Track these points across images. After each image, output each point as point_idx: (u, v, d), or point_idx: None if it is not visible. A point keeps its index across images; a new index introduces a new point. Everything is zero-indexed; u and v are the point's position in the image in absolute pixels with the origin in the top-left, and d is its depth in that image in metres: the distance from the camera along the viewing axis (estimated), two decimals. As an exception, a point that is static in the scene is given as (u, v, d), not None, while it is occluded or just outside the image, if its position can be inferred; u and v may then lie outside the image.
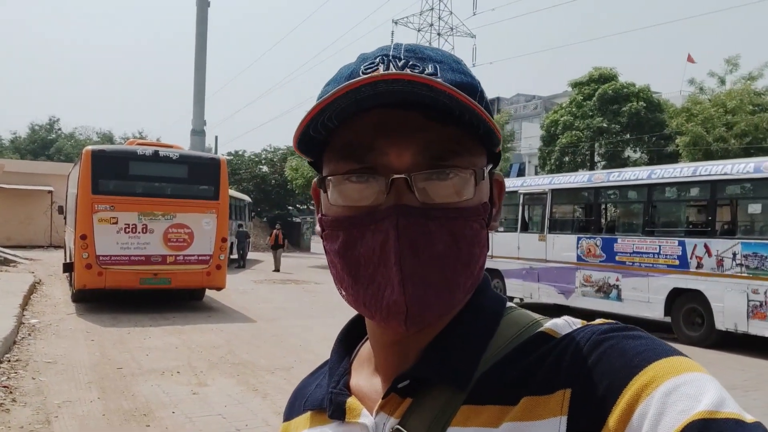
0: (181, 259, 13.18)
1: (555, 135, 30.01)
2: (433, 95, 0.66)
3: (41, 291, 15.48)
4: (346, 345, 0.90)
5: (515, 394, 0.68)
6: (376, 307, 0.71)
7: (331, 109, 0.68)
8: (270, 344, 10.16)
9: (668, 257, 11.67)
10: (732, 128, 22.98)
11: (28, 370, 7.89)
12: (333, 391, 0.81)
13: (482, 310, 0.79)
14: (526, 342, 0.73)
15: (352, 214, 0.73)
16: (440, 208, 0.71)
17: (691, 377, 0.59)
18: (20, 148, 66.20)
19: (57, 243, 29.14)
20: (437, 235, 0.70)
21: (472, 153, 0.73)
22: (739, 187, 11.32)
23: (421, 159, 0.71)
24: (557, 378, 0.66)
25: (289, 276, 23.14)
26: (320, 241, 0.81)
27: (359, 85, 0.65)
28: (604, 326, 0.69)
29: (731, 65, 25.09)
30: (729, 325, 10.66)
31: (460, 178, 0.72)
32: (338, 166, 0.73)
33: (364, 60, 0.75)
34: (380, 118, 0.70)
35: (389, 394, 0.75)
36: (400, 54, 0.74)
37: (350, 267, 0.73)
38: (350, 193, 0.73)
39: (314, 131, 0.72)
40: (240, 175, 43.33)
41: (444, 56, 0.76)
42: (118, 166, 12.98)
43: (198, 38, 35.74)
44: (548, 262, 14.27)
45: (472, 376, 0.72)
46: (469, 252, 0.73)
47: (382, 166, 0.71)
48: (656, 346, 0.64)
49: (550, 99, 47.20)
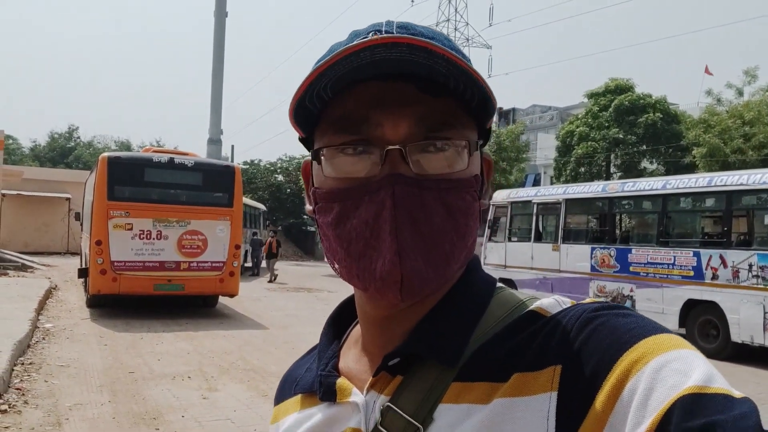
0: (195, 266, 13.25)
1: (570, 146, 29.92)
2: (430, 63, 0.66)
3: (57, 296, 15.62)
4: (336, 329, 0.91)
5: (506, 371, 0.68)
6: (371, 278, 0.71)
7: (327, 77, 0.68)
8: (281, 351, 10.17)
9: (683, 268, 11.56)
10: (750, 140, 22.77)
11: (41, 373, 7.96)
12: (322, 373, 0.82)
13: (473, 288, 0.79)
14: (517, 320, 0.73)
15: (347, 186, 0.73)
16: (434, 179, 0.71)
17: (680, 354, 0.59)
18: (40, 156, 67.06)
19: (74, 249, 29.43)
20: (432, 205, 0.71)
21: (465, 126, 0.74)
22: (755, 198, 11.20)
23: (415, 131, 0.71)
24: (547, 355, 0.66)
25: (302, 284, 23.19)
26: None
27: (358, 48, 0.65)
28: (594, 305, 0.69)
29: (750, 76, 24.95)
30: (745, 337, 10.53)
31: (453, 149, 0.72)
32: (332, 138, 0.73)
33: (357, 35, 0.75)
34: (374, 89, 0.70)
35: (379, 372, 0.75)
36: (392, 29, 0.74)
37: (343, 239, 0.73)
38: (344, 165, 0.73)
39: (309, 102, 0.72)
40: (255, 184, 43.56)
41: (435, 33, 0.76)
42: (134, 172, 13.10)
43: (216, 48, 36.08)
44: (562, 272, 14.18)
45: (462, 353, 0.72)
46: (464, 223, 0.73)
47: (376, 138, 0.71)
48: (646, 323, 0.64)
49: (566, 110, 47.03)
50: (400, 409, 0.72)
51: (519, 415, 0.65)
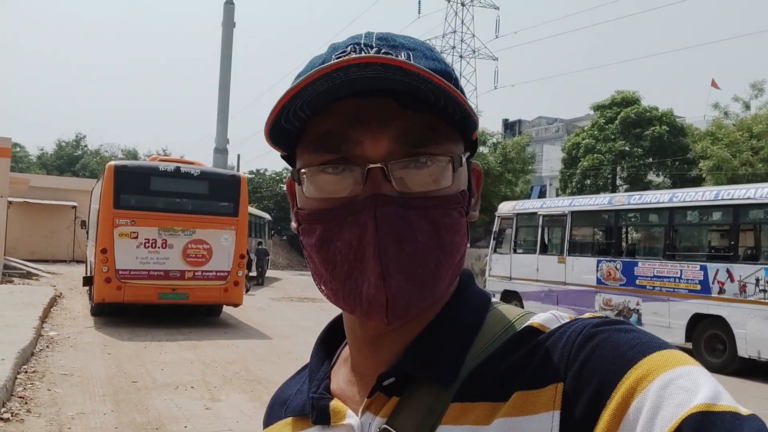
0: (200, 275, 13.25)
1: (576, 158, 29.90)
2: (407, 80, 0.65)
3: (61, 304, 15.63)
4: (326, 348, 0.88)
5: (506, 390, 0.66)
6: (356, 301, 0.70)
7: (303, 97, 0.67)
8: (285, 361, 10.14)
9: (690, 282, 11.49)
10: (758, 153, 22.72)
11: (44, 382, 7.95)
12: (314, 395, 0.80)
13: (467, 304, 0.77)
14: (514, 337, 0.71)
15: (329, 207, 0.71)
16: (419, 197, 0.70)
17: (685, 370, 0.58)
18: (47, 164, 67.35)
19: (79, 257, 29.46)
20: (417, 225, 0.69)
21: (448, 140, 0.72)
22: (762, 212, 11.14)
23: (397, 147, 0.69)
24: (548, 372, 0.65)
25: (306, 294, 23.16)
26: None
27: (331, 70, 0.64)
28: (595, 320, 0.68)
29: (756, 90, 24.91)
30: (752, 352, 10.44)
31: (437, 165, 0.70)
32: (312, 157, 0.72)
33: (336, 49, 0.73)
34: (354, 107, 0.69)
35: (374, 393, 0.73)
36: (371, 42, 0.72)
37: (328, 261, 0.71)
38: (326, 185, 0.71)
39: (286, 122, 0.71)
40: (261, 194, 43.68)
41: (416, 43, 0.75)
42: (140, 181, 13.14)
43: (223, 59, 36.32)
44: (567, 284, 14.13)
45: (459, 372, 0.70)
46: (451, 241, 0.72)
47: (357, 156, 0.69)
48: (649, 339, 0.63)
49: (572, 122, 47.10)
50: (397, 431, 0.70)
51: None
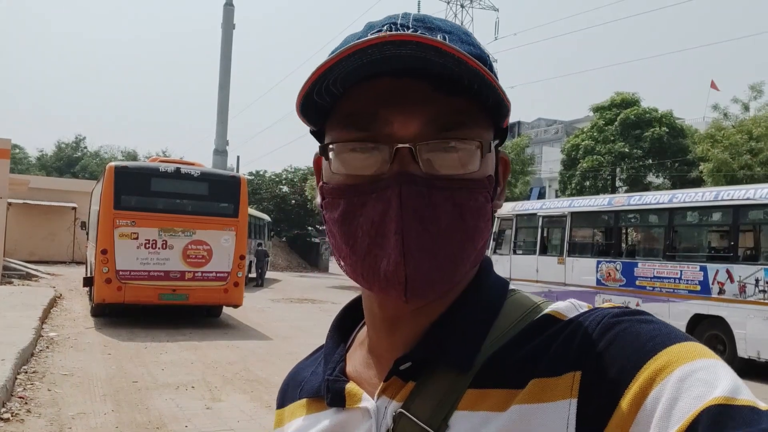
0: (200, 276, 13.25)
1: (576, 159, 29.87)
2: (442, 61, 0.64)
3: (61, 305, 15.62)
4: (342, 331, 0.88)
5: (523, 377, 0.66)
6: (375, 277, 0.70)
7: (336, 72, 0.67)
8: (285, 362, 10.13)
9: (689, 282, 11.50)
10: (757, 155, 22.73)
11: (44, 382, 7.94)
12: (329, 378, 0.80)
13: (485, 290, 0.77)
14: (532, 324, 0.71)
15: (354, 183, 0.71)
16: (445, 178, 0.70)
17: (705, 363, 0.58)
18: (47, 166, 67.35)
19: (79, 259, 29.46)
20: (441, 206, 0.69)
21: (479, 125, 0.72)
22: (762, 212, 11.15)
23: (426, 129, 0.69)
24: (566, 360, 0.65)
25: (306, 295, 23.16)
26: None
27: (366, 45, 0.63)
28: (615, 309, 0.68)
29: (756, 92, 24.90)
30: (752, 352, 10.45)
31: (465, 149, 0.70)
32: (341, 134, 0.72)
33: (372, 27, 0.73)
34: (386, 86, 0.69)
35: (390, 376, 0.73)
36: (408, 23, 0.72)
37: (349, 236, 0.71)
38: (353, 162, 0.71)
39: (318, 96, 0.70)
40: (261, 195, 43.68)
41: (453, 27, 0.74)
42: (140, 182, 13.14)
43: (222, 60, 36.32)
44: (567, 285, 14.13)
45: (476, 358, 0.70)
46: (474, 225, 0.71)
47: (386, 136, 0.69)
48: (669, 331, 0.62)
49: (572, 123, 47.10)
50: (413, 415, 0.70)
51: (538, 422, 0.63)
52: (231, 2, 36.12)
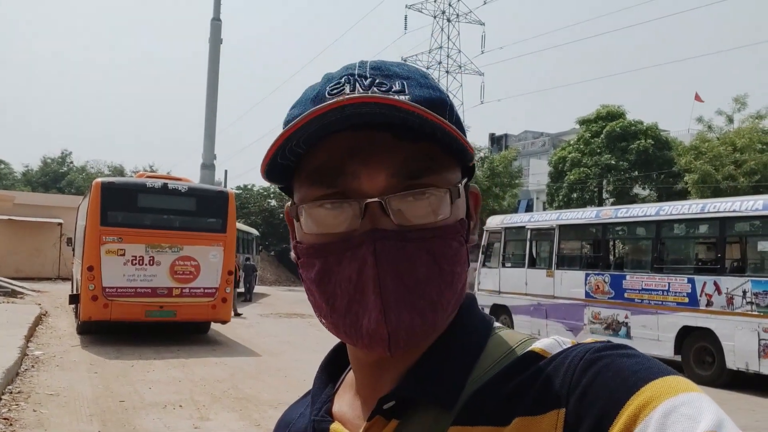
0: (187, 292, 13.15)
1: (563, 171, 30.09)
2: (403, 115, 0.65)
3: (47, 323, 15.44)
4: (330, 373, 0.88)
5: (507, 415, 0.66)
6: (358, 335, 0.70)
7: (298, 136, 0.67)
8: (274, 378, 10.06)
9: (678, 294, 11.55)
10: (741, 166, 22.98)
11: (29, 402, 7.83)
12: (315, 418, 0.80)
13: (469, 328, 0.77)
14: (516, 361, 0.71)
15: (327, 241, 0.71)
16: (417, 228, 0.70)
17: (688, 397, 0.57)
18: (32, 181, 66.80)
19: (65, 275, 29.17)
20: (416, 257, 0.69)
21: (446, 168, 0.72)
22: (748, 224, 11.25)
23: (394, 181, 0.69)
24: (550, 398, 0.64)
25: (294, 310, 23.04)
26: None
27: (325, 111, 0.64)
28: (597, 344, 0.67)
29: (739, 104, 25.24)
30: (740, 364, 10.49)
31: (435, 197, 0.70)
32: (309, 192, 0.72)
33: (330, 80, 0.74)
34: (350, 140, 0.69)
35: (374, 416, 0.73)
36: (365, 72, 0.73)
37: (328, 295, 0.72)
38: (324, 220, 0.71)
39: (282, 158, 0.71)
40: (248, 209, 43.54)
41: (411, 71, 0.75)
42: (127, 198, 13.06)
43: (210, 75, 36.29)
44: (556, 298, 14.15)
45: (460, 395, 0.70)
46: (451, 270, 0.72)
47: (354, 191, 0.70)
48: (652, 365, 0.62)
49: (558, 136, 47.40)
50: None
51: None
52: (218, 17, 36.14)
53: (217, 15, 35.78)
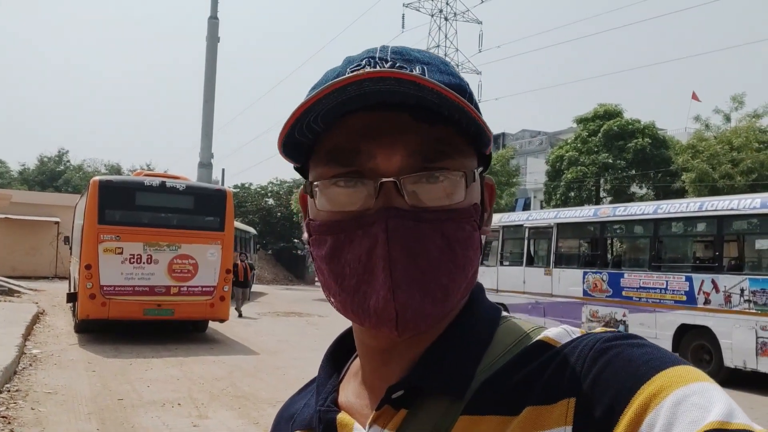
0: (185, 290, 13.14)
1: (560, 170, 30.08)
2: (421, 94, 0.65)
3: (44, 321, 15.42)
4: (334, 362, 0.88)
5: (517, 404, 0.65)
6: (365, 313, 0.69)
7: (316, 110, 0.67)
8: (272, 377, 10.06)
9: (675, 293, 11.57)
10: (738, 165, 23.02)
11: (27, 401, 7.81)
12: (321, 408, 0.79)
13: (478, 317, 0.77)
14: (526, 351, 0.71)
15: (340, 219, 0.71)
16: (431, 210, 0.69)
17: (699, 387, 0.57)
18: (29, 180, 66.63)
19: (62, 274, 29.13)
20: (429, 239, 0.69)
21: (462, 154, 0.72)
22: (746, 223, 11.27)
23: (410, 161, 0.69)
24: (560, 387, 0.64)
25: (292, 309, 23.05)
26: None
27: (345, 83, 0.64)
28: (607, 334, 0.67)
29: (737, 102, 25.26)
30: (738, 362, 10.51)
31: (450, 180, 0.70)
32: (325, 170, 0.72)
33: (350, 62, 0.74)
34: (367, 120, 0.69)
35: (382, 405, 0.72)
36: (386, 56, 0.73)
37: (337, 273, 0.71)
38: (338, 198, 0.71)
39: (300, 134, 0.71)
40: (246, 208, 43.53)
41: (431, 58, 0.75)
42: (125, 196, 13.04)
43: (207, 73, 36.23)
44: (554, 296, 14.17)
45: (469, 384, 0.70)
46: (464, 255, 0.72)
47: (369, 170, 0.69)
48: (662, 355, 0.62)
49: (556, 135, 47.48)
50: None
51: None
52: (216, 15, 36.07)
53: (215, 13, 35.73)
